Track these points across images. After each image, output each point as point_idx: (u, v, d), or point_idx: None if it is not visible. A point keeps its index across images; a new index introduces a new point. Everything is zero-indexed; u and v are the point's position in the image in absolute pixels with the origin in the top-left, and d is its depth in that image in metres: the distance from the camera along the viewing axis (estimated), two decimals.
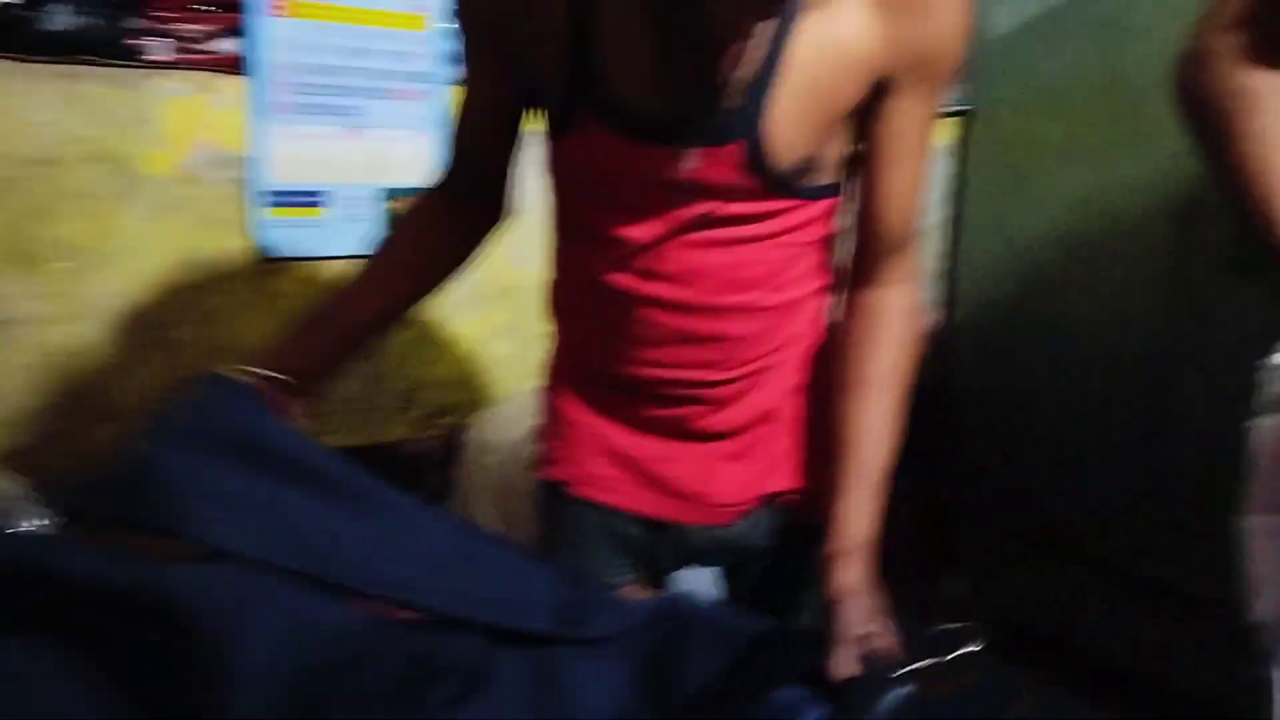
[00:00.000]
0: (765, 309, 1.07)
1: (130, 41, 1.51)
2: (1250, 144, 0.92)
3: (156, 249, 1.58)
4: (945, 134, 2.32)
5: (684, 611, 0.92)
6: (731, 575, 1.23)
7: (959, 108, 2.29)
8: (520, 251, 1.43)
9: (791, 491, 1.14)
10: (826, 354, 1.13)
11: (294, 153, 1.67)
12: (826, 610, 0.95)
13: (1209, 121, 0.95)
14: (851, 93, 0.98)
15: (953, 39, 0.98)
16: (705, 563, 1.21)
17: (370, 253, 1.14)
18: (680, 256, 1.03)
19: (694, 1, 0.86)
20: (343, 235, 1.73)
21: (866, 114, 1.01)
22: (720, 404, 1.10)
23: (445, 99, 1.75)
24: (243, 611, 0.75)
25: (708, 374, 1.08)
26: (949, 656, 0.88)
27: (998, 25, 2.23)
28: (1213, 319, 1.92)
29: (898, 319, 1.08)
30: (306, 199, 1.70)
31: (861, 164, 1.05)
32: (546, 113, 1.03)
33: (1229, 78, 0.94)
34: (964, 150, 2.34)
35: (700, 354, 1.07)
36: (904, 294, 1.09)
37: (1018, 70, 2.20)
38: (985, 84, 2.27)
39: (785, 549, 1.14)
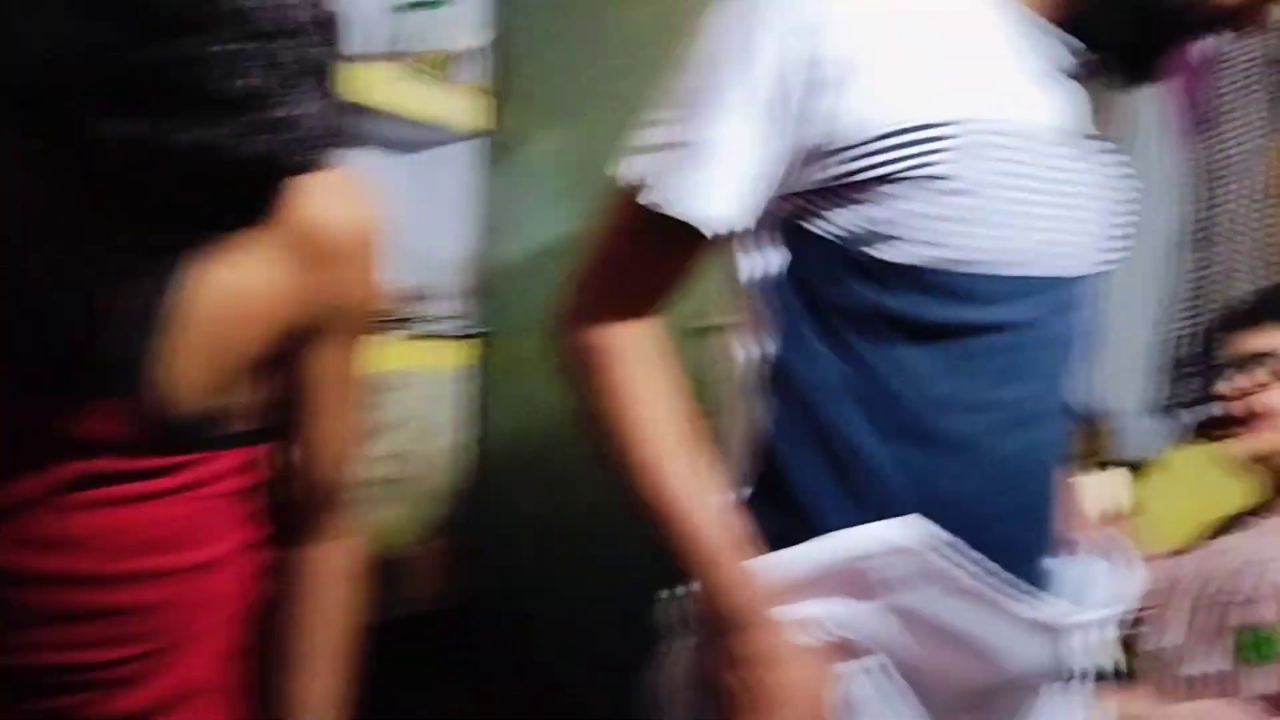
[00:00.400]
0: (177, 571, 0.96)
1: None
2: (610, 398, 0.96)
3: None
4: (463, 356, 2.35)
5: None
6: None
7: (476, 330, 2.34)
8: None
9: None
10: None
11: None
12: None
13: (575, 377, 0.99)
14: (259, 342, 0.93)
15: (365, 289, 0.97)
16: None
17: None
18: (62, 521, 0.89)
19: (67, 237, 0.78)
20: None
21: (286, 362, 0.96)
22: (124, 684, 0.96)
23: None
24: None
25: (105, 653, 0.94)
26: None
27: (510, 250, 2.33)
28: None
29: (335, 581, 1.02)
30: None
31: (287, 411, 0.99)
32: None
33: (584, 336, 0.98)
34: (483, 372, 2.38)
35: (94, 631, 0.93)
36: (341, 551, 1.03)
37: (531, 293, 2.29)
38: (500, 307, 2.34)
39: None
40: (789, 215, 0.96)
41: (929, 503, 0.93)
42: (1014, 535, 0.98)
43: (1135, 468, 2.35)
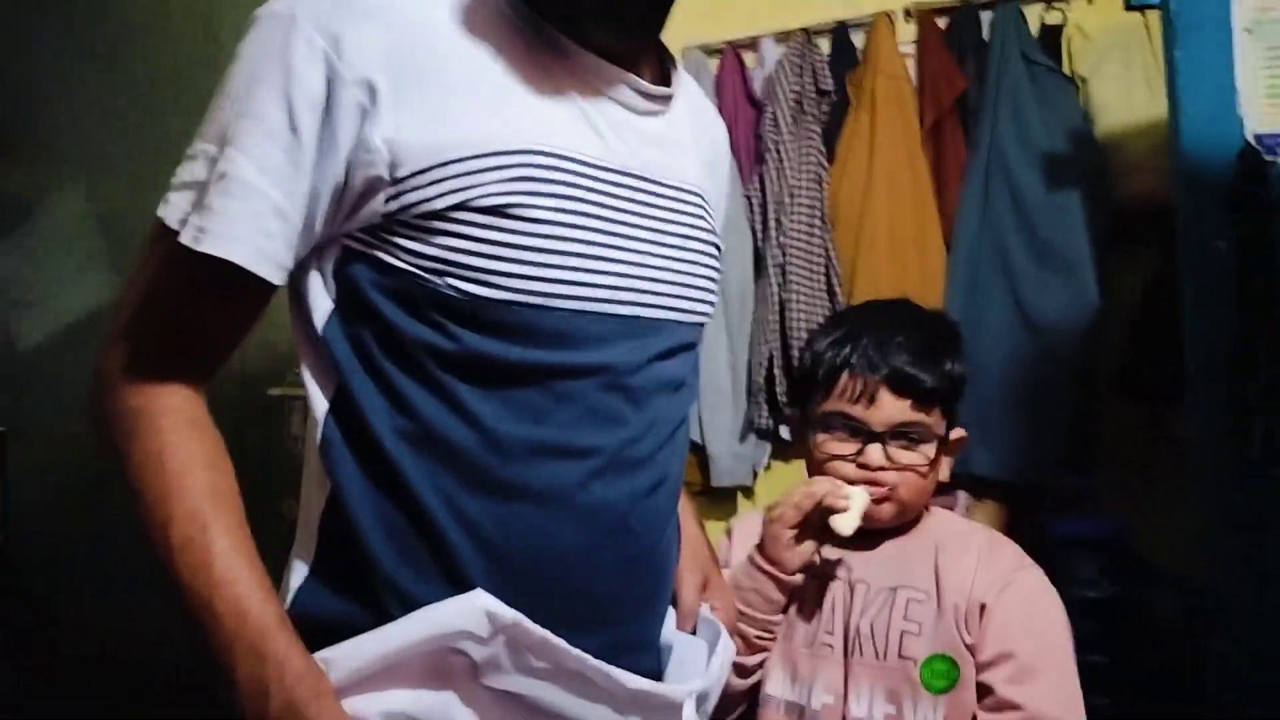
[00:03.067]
0: None
1: None
2: (150, 469, 0.84)
3: None
4: None
5: None
6: None
7: None
8: None
9: None
10: None
11: None
12: None
13: (115, 445, 0.86)
14: None
15: None
16: None
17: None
18: None
19: None
20: None
21: None
22: None
23: None
24: None
25: None
26: None
27: (29, 337, 1.97)
28: None
29: None
30: None
31: None
32: None
33: (123, 397, 0.86)
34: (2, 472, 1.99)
35: None
36: None
37: (58, 381, 1.95)
38: (18, 399, 1.97)
39: None
40: (353, 252, 0.88)
41: (508, 565, 0.86)
42: (620, 591, 0.92)
43: (732, 494, 2.42)
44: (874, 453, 1.20)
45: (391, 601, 0.84)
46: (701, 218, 1.00)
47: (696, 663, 1.00)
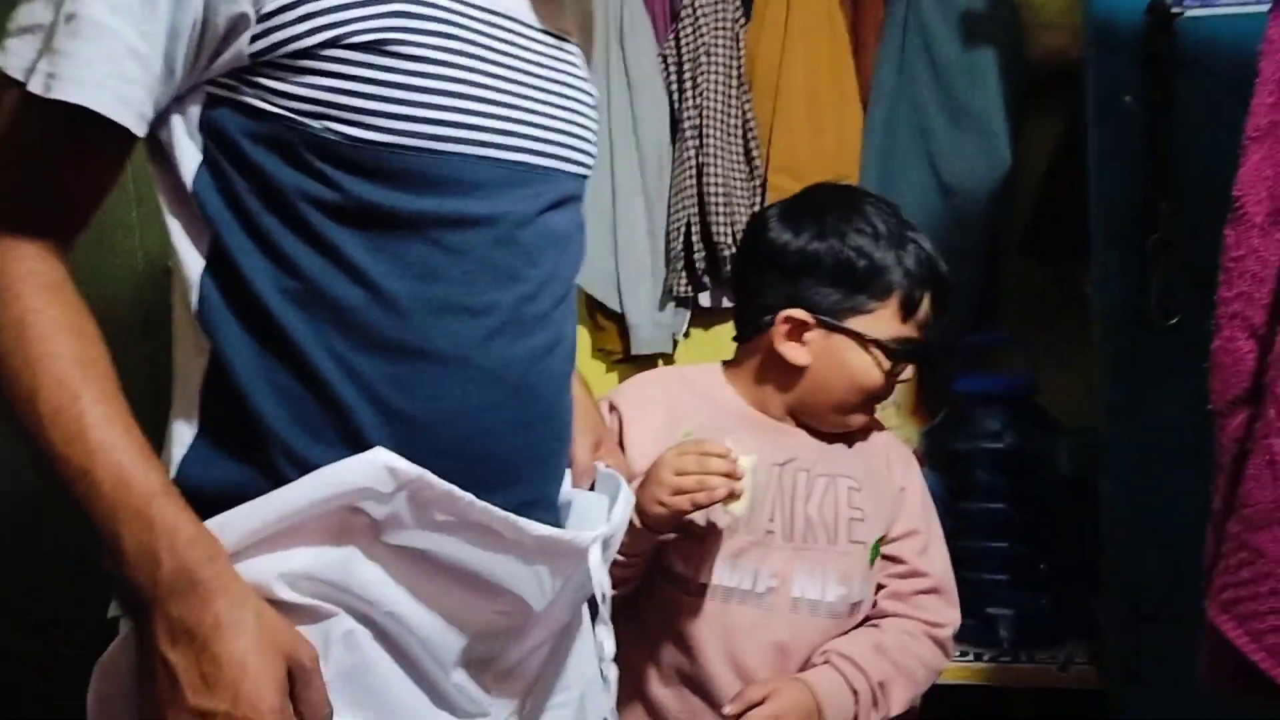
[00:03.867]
0: None
1: None
2: (11, 336, 0.78)
3: None
4: None
5: None
6: None
7: None
8: None
9: None
10: None
11: None
12: None
13: None
14: None
15: None
16: None
17: None
18: None
19: None
20: None
21: None
22: None
23: None
24: None
25: None
26: None
27: None
28: None
29: None
30: None
31: None
32: None
33: None
34: None
35: None
36: None
37: None
38: None
39: None
40: (219, 99, 0.82)
41: (409, 426, 0.84)
42: (519, 450, 0.91)
43: (653, 361, 2.44)
44: (912, 369, 1.26)
45: (287, 466, 0.81)
46: (578, 66, 0.99)
47: (598, 514, 1.01)
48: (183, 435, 0.85)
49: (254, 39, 0.78)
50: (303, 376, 0.82)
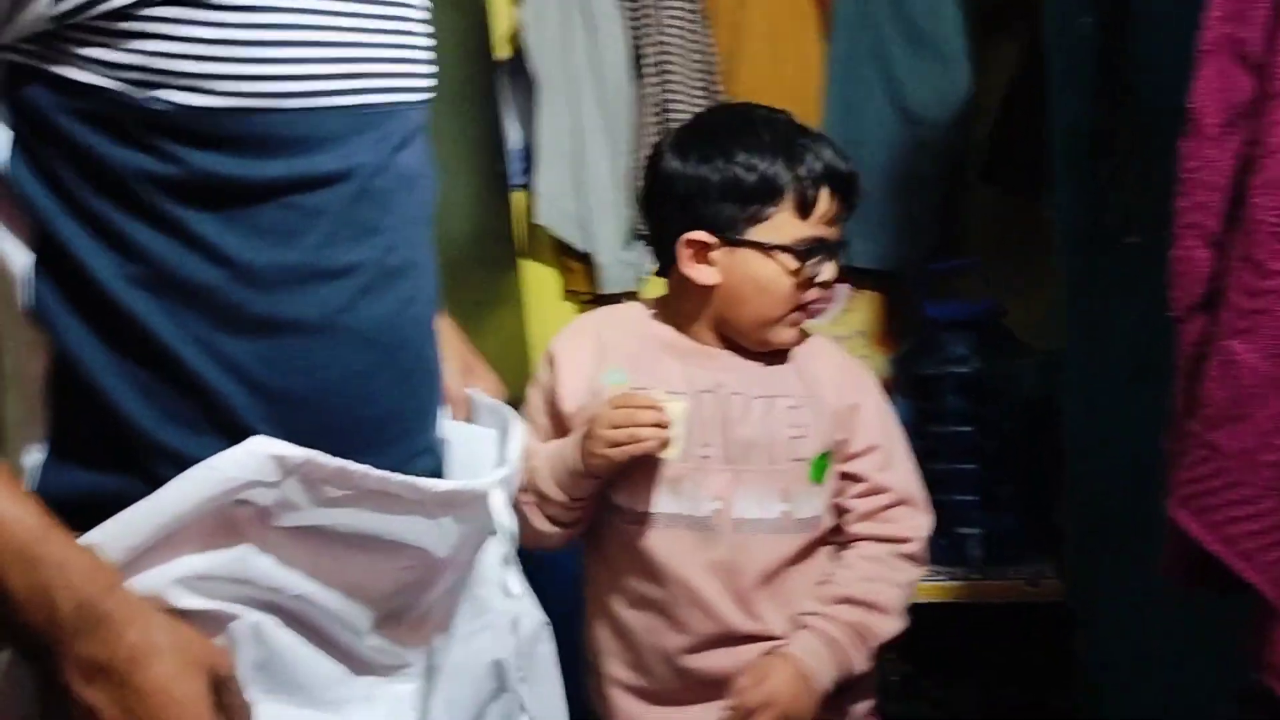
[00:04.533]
0: None
1: None
2: None
3: None
4: None
5: None
6: None
7: None
8: None
9: None
10: None
11: None
12: None
13: None
14: None
15: None
16: None
17: None
18: None
19: None
20: None
21: None
22: None
23: None
24: None
25: None
26: None
27: None
28: None
29: None
30: None
31: None
32: None
33: None
34: None
35: None
36: None
37: None
38: None
39: None
40: (25, 70, 0.75)
41: (285, 404, 0.80)
42: (400, 405, 0.88)
43: (619, 300, 2.44)
44: (831, 269, 1.25)
45: (162, 464, 0.76)
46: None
47: (485, 451, 0.98)
48: (29, 446, 0.79)
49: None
50: (163, 367, 0.77)
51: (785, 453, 1.25)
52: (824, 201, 1.22)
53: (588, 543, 1.33)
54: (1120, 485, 1.56)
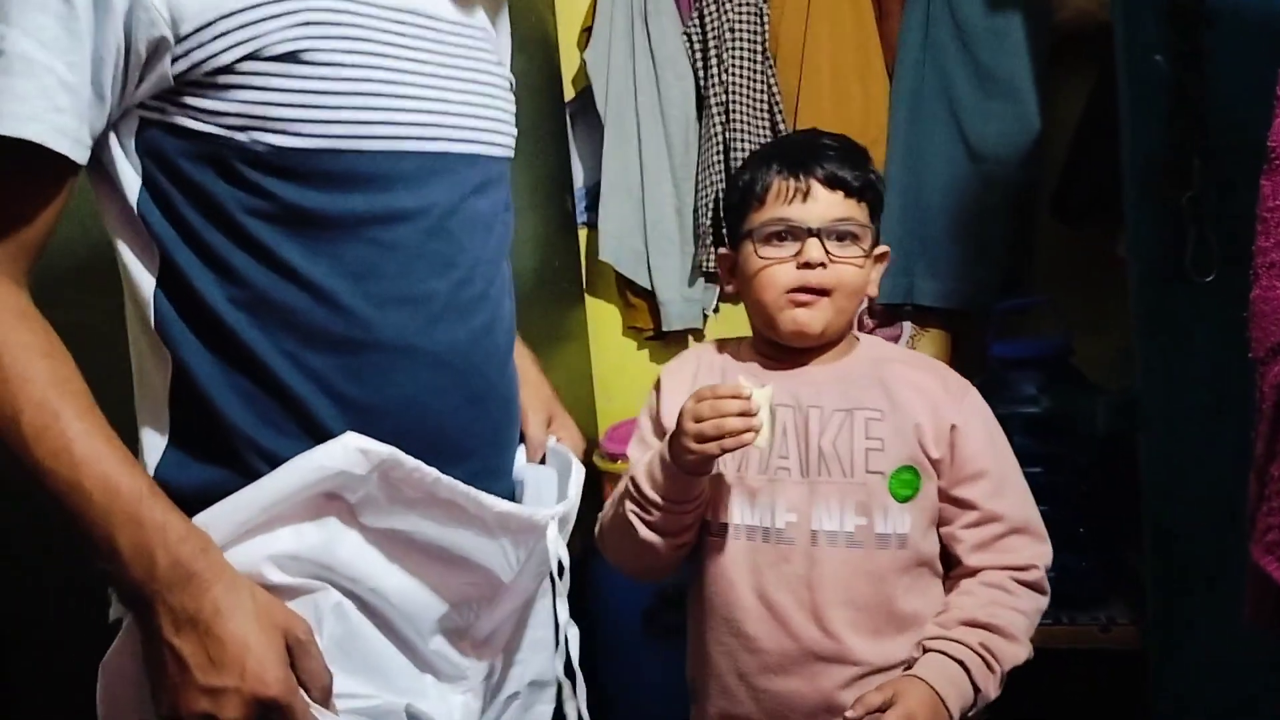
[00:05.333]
0: None
1: None
2: None
3: None
4: None
5: None
6: None
7: None
8: None
9: None
10: None
11: None
12: None
13: None
14: None
15: None
16: None
17: None
18: None
19: None
20: None
21: None
22: None
23: None
24: None
25: None
26: None
27: None
28: None
29: None
30: None
31: None
32: None
33: None
34: None
35: None
36: None
37: None
38: None
39: None
40: (152, 122, 0.87)
41: (365, 413, 0.89)
42: (470, 424, 0.97)
43: (683, 337, 2.45)
44: (813, 248, 1.22)
45: (258, 461, 0.86)
46: (491, 52, 1.04)
47: (551, 489, 1.07)
48: (154, 443, 0.89)
49: (175, 60, 0.82)
50: (260, 377, 0.87)
51: (862, 465, 1.23)
52: (776, 183, 1.25)
53: (688, 566, 1.33)
54: (1201, 528, 1.52)
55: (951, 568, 1.27)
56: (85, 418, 0.81)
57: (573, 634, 1.09)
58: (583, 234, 2.49)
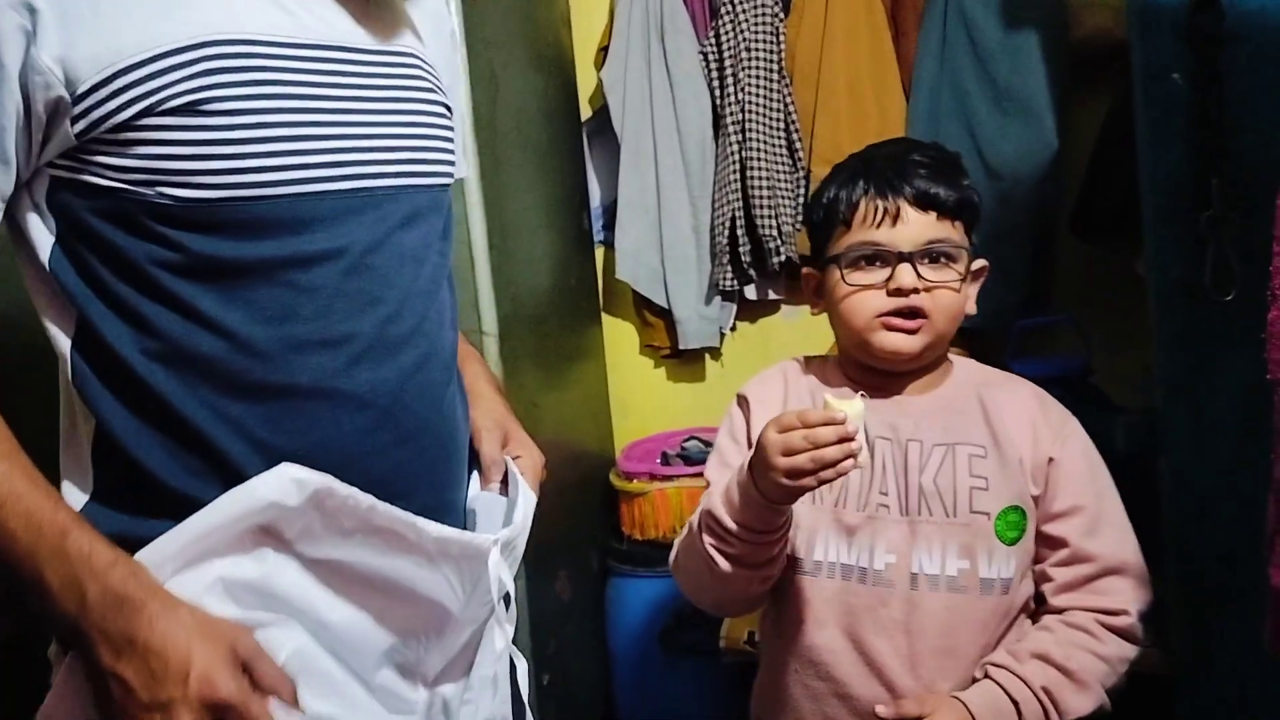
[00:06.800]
0: None
1: None
2: None
3: None
4: None
5: None
6: None
7: None
8: None
9: None
10: None
11: None
12: None
13: None
14: None
15: None
16: None
17: None
18: None
19: None
20: None
21: None
22: None
23: None
24: None
25: None
26: None
27: None
28: None
29: None
30: None
31: None
32: None
33: None
34: None
35: None
36: None
37: None
38: None
39: None
40: (61, 181, 0.86)
41: (285, 457, 0.86)
42: (403, 464, 0.94)
43: (700, 356, 2.45)
44: (905, 274, 1.14)
45: (188, 512, 0.84)
46: (420, 78, 1.00)
47: (498, 517, 1.04)
48: (75, 496, 0.88)
49: (74, 120, 0.82)
50: (180, 430, 0.86)
51: (966, 504, 1.15)
52: (862, 204, 1.18)
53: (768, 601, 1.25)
54: (1224, 548, 1.50)
55: (1039, 607, 1.19)
56: (6, 459, 0.81)
57: (520, 666, 1.06)
58: (599, 252, 2.50)
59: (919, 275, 1.15)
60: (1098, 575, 1.16)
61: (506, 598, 1.01)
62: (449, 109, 1.04)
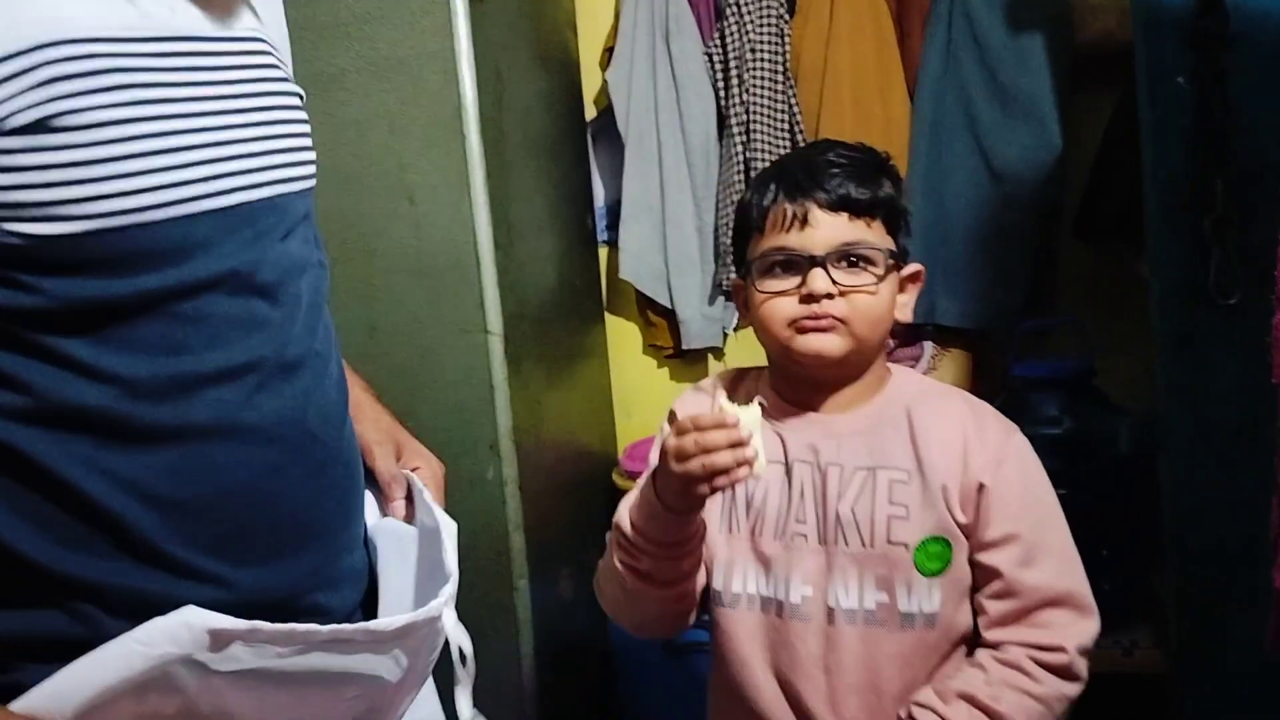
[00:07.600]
0: None
1: None
2: None
3: None
4: None
5: None
6: None
7: None
8: None
9: None
10: None
11: None
12: None
13: None
14: None
15: None
16: None
17: None
18: None
19: None
20: None
21: None
22: None
23: None
24: None
25: None
26: None
27: None
28: None
29: None
30: None
31: None
32: None
33: None
34: None
35: None
36: None
37: None
38: None
39: None
40: None
41: (190, 514, 0.77)
42: (316, 500, 0.85)
43: (703, 355, 2.45)
44: (817, 279, 1.08)
45: (71, 597, 0.74)
46: (272, 66, 0.89)
47: (410, 551, 0.95)
48: None
49: None
50: (54, 495, 0.74)
51: (884, 534, 1.09)
52: (773, 211, 1.11)
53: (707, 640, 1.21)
54: (1225, 550, 1.51)
55: (977, 640, 1.12)
56: None
57: None
58: (603, 252, 2.50)
59: (833, 280, 1.09)
60: (1034, 608, 1.08)
61: (464, 657, 0.91)
62: (302, 97, 0.93)
